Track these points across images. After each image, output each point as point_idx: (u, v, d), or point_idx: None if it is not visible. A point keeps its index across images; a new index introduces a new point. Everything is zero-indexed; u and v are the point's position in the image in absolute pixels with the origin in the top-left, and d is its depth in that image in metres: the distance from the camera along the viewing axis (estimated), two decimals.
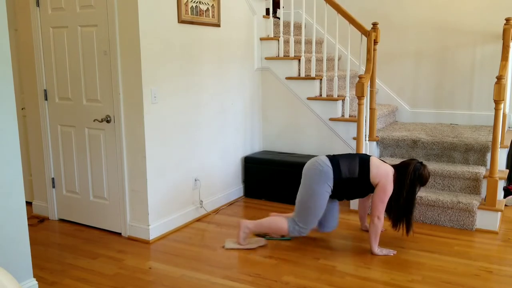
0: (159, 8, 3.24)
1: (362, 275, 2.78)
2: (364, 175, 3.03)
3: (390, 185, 3.00)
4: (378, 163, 3.08)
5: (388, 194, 3.00)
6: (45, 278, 2.80)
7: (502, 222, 3.62)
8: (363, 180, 3.04)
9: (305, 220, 3.07)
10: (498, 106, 3.35)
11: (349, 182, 3.05)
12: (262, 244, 3.24)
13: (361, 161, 3.07)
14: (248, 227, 3.18)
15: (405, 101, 4.96)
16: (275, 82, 4.44)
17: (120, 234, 3.47)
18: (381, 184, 3.00)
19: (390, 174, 3.03)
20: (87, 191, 3.58)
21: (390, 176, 3.02)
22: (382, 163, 3.09)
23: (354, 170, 3.04)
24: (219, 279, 2.76)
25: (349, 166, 3.05)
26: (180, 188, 3.61)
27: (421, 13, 4.75)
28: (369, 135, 4.06)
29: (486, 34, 4.49)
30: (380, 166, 3.05)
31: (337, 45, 4.20)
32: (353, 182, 3.05)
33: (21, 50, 3.68)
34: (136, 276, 2.82)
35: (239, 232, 3.20)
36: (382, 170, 3.03)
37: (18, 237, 2.45)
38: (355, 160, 3.08)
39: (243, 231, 3.19)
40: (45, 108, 3.65)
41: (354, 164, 3.06)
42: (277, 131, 4.53)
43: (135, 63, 3.15)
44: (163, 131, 3.38)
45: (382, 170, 3.03)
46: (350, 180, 3.04)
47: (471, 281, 2.71)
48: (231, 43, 4.04)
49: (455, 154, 3.86)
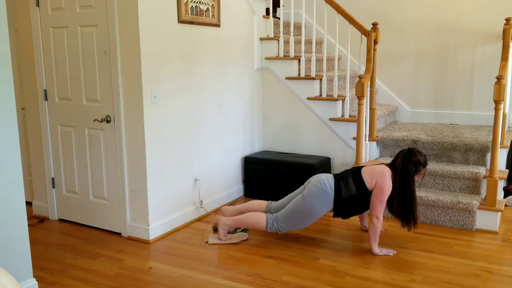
0: (159, 8, 3.24)
1: (362, 275, 2.78)
2: (361, 188, 3.05)
3: (388, 184, 2.99)
4: (371, 170, 3.08)
5: (386, 193, 2.99)
6: (45, 278, 2.80)
7: (502, 222, 3.62)
8: (363, 193, 3.05)
9: (288, 223, 3.14)
10: (498, 106, 3.35)
11: (350, 199, 3.07)
12: (244, 239, 3.31)
13: (354, 175, 3.09)
14: (226, 224, 3.27)
15: (405, 101, 4.96)
16: (275, 82, 4.44)
17: (120, 234, 3.47)
18: (378, 184, 3.00)
19: (386, 174, 3.02)
20: (87, 191, 3.58)
21: (387, 175, 3.01)
22: (376, 167, 3.08)
23: (351, 188, 3.06)
24: (219, 279, 2.76)
25: (347, 184, 3.07)
26: (180, 188, 3.61)
27: (421, 13, 4.75)
28: (369, 135, 4.06)
29: (486, 34, 4.49)
30: (373, 171, 3.06)
31: (337, 45, 4.20)
32: (354, 198, 3.07)
33: (21, 50, 3.68)
34: (136, 276, 2.82)
35: (219, 228, 3.29)
36: (376, 172, 3.03)
37: (18, 237, 2.45)
38: (349, 176, 3.10)
39: (222, 227, 3.28)
40: (45, 108, 3.65)
41: (349, 181, 3.08)
42: (277, 131, 4.53)
43: (135, 63, 3.15)
44: (163, 131, 3.38)
45: (377, 172, 3.03)
46: (351, 198, 3.06)
47: (471, 281, 2.71)
48: (231, 43, 4.04)
49: (455, 154, 3.86)
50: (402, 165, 3.00)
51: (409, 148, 3.07)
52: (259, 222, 3.16)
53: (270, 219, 3.16)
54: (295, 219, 3.11)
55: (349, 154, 4.19)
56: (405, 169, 2.99)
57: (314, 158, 4.15)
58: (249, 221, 3.20)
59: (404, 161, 3.00)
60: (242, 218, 3.22)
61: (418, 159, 3.01)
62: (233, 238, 3.33)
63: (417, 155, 3.02)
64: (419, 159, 3.01)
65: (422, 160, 3.03)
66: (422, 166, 3.04)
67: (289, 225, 3.14)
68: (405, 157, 3.02)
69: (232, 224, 3.26)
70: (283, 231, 3.17)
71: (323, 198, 3.05)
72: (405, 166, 2.99)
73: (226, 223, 3.27)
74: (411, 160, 2.99)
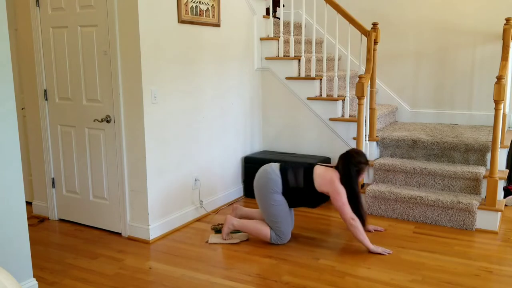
0: (159, 8, 3.24)
1: (362, 275, 2.78)
2: (309, 185, 3.12)
3: (338, 187, 3.07)
4: (322, 171, 3.14)
5: (342, 194, 3.06)
6: (45, 278, 2.80)
7: (502, 222, 3.62)
8: (309, 189, 3.13)
9: (279, 230, 3.19)
10: (498, 106, 3.35)
11: (296, 191, 3.15)
12: (244, 239, 3.32)
13: (306, 171, 3.16)
14: (233, 224, 3.28)
15: (405, 101, 4.96)
16: (275, 82, 4.44)
17: (120, 234, 3.47)
18: (332, 191, 3.08)
19: (335, 179, 3.09)
20: (87, 191, 3.58)
21: (335, 180, 3.08)
22: (327, 170, 3.15)
23: (299, 180, 3.14)
24: (219, 279, 2.76)
25: (296, 176, 3.15)
26: (180, 188, 3.61)
27: (421, 13, 4.75)
28: (369, 135, 4.06)
29: (486, 34, 4.49)
30: (323, 174, 3.12)
31: (337, 45, 4.20)
32: (300, 191, 3.16)
33: (21, 50, 3.68)
34: (136, 276, 2.82)
35: (224, 227, 3.30)
36: (326, 179, 3.11)
37: (18, 237, 2.45)
38: (301, 170, 3.17)
39: (228, 226, 3.29)
40: (45, 108, 3.65)
41: (299, 174, 3.15)
42: (277, 131, 4.53)
43: (135, 63, 3.15)
44: (163, 131, 3.38)
45: (327, 178, 3.11)
46: (297, 190, 3.15)
47: (471, 281, 2.71)
48: (231, 43, 4.04)
49: (455, 154, 3.86)
50: (343, 169, 3.10)
51: (347, 151, 3.17)
52: (264, 234, 3.21)
53: (272, 232, 3.21)
54: (274, 220, 3.17)
55: None
56: (347, 172, 3.09)
57: (314, 158, 4.15)
58: (254, 230, 3.23)
59: (345, 165, 3.10)
60: (249, 225, 3.25)
61: (358, 159, 3.12)
62: (233, 238, 3.33)
63: (355, 156, 3.12)
64: (359, 160, 3.12)
65: (362, 160, 3.13)
66: (364, 164, 3.14)
67: (280, 231, 3.18)
68: (345, 160, 3.12)
69: (238, 226, 3.28)
70: (284, 240, 3.22)
71: (272, 186, 3.13)
72: (347, 169, 3.09)
73: (234, 224, 3.28)
74: (351, 162, 3.10)
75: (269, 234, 3.19)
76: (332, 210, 3.95)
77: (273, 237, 3.20)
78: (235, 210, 3.53)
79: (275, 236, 3.20)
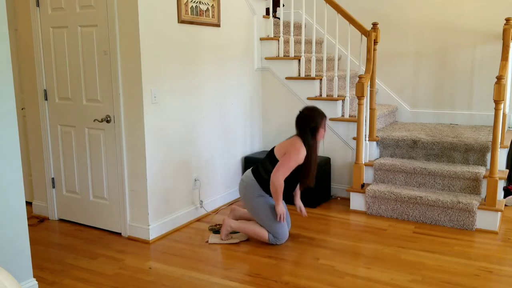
0: (159, 8, 3.24)
1: (362, 275, 2.78)
2: (274, 163, 3.13)
3: (295, 152, 3.06)
4: (281, 144, 3.20)
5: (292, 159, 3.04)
6: (45, 278, 2.80)
7: (502, 222, 3.62)
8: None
9: (273, 231, 3.20)
10: (498, 106, 3.35)
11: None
12: (244, 239, 3.33)
13: (269, 156, 3.21)
14: (231, 226, 3.30)
15: (405, 101, 4.96)
16: (275, 82, 4.44)
17: (120, 234, 3.47)
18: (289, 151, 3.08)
19: (296, 143, 3.10)
20: (87, 191, 3.58)
21: (296, 144, 3.08)
22: (286, 140, 3.20)
23: (268, 167, 3.16)
24: (219, 279, 2.76)
25: (264, 166, 3.20)
26: (180, 188, 3.61)
27: (421, 13, 4.75)
28: (369, 135, 4.06)
29: (486, 34, 4.49)
30: (282, 144, 3.19)
31: (337, 45, 4.20)
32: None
33: (21, 50, 3.68)
34: (136, 276, 2.82)
35: (222, 229, 3.31)
36: (285, 144, 3.14)
37: (18, 237, 2.45)
38: (266, 160, 3.22)
39: (226, 228, 3.30)
40: (45, 108, 3.65)
41: (266, 163, 3.19)
42: (277, 131, 4.53)
43: (135, 63, 3.15)
44: (163, 131, 3.38)
45: (287, 143, 3.14)
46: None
47: (471, 281, 2.71)
48: (231, 43, 4.04)
49: (455, 154, 3.86)
50: (299, 129, 3.14)
51: (299, 111, 3.17)
52: (262, 236, 3.22)
53: (270, 234, 3.22)
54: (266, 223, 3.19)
55: (349, 154, 4.19)
56: (304, 131, 3.11)
57: None
58: (252, 231, 3.25)
59: (300, 125, 3.13)
60: (247, 227, 3.27)
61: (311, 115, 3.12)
62: (233, 238, 3.34)
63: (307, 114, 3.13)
64: (311, 115, 3.12)
65: (315, 114, 3.13)
66: (320, 118, 3.14)
67: (275, 232, 3.19)
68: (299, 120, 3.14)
69: (236, 228, 3.30)
70: (282, 240, 3.23)
71: (251, 191, 3.18)
72: (303, 128, 3.12)
73: (231, 225, 3.29)
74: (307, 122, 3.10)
75: (267, 235, 3.20)
76: (332, 210, 3.95)
77: (270, 238, 3.21)
78: (233, 211, 3.53)
79: (272, 237, 3.21)
